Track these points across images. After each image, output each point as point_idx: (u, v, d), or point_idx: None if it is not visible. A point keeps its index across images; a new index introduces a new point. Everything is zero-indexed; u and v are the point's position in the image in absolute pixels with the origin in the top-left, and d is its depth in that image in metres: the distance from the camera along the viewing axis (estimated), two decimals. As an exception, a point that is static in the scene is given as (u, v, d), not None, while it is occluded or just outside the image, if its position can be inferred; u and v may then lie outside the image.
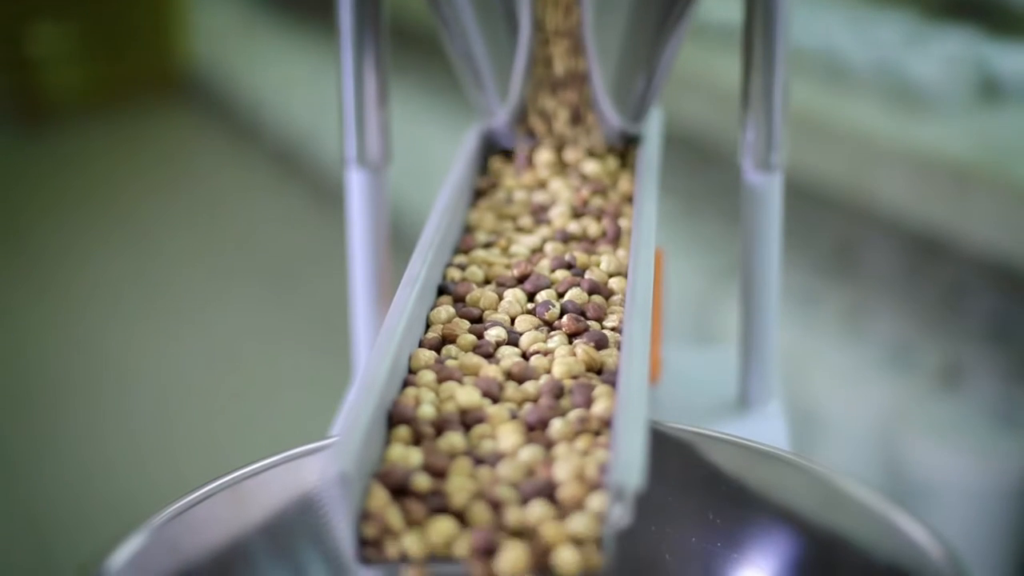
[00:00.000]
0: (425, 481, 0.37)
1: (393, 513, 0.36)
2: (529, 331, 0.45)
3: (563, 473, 0.37)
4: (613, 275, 0.48)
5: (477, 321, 0.46)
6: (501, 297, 0.47)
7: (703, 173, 1.50)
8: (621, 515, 0.35)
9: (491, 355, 0.44)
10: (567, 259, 0.49)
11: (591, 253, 0.50)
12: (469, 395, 0.41)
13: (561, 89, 0.56)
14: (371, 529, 0.36)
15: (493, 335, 0.45)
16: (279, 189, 2.63)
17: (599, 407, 0.40)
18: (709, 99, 1.33)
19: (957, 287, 1.22)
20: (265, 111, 2.88)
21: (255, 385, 1.85)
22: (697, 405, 0.64)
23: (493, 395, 0.41)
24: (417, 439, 0.39)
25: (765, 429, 0.61)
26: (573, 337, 0.45)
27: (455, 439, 0.39)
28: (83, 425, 1.76)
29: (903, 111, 1.20)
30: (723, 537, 0.43)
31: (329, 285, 1.61)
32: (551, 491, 0.37)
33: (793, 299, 1.28)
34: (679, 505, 0.44)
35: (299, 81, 2.65)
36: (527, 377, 0.42)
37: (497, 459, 0.38)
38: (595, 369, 0.43)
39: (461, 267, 0.50)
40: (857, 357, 1.22)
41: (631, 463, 0.35)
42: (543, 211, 0.54)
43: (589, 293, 0.47)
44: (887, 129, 1.19)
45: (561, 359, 0.43)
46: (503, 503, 0.37)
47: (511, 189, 0.56)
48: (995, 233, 1.06)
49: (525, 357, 0.44)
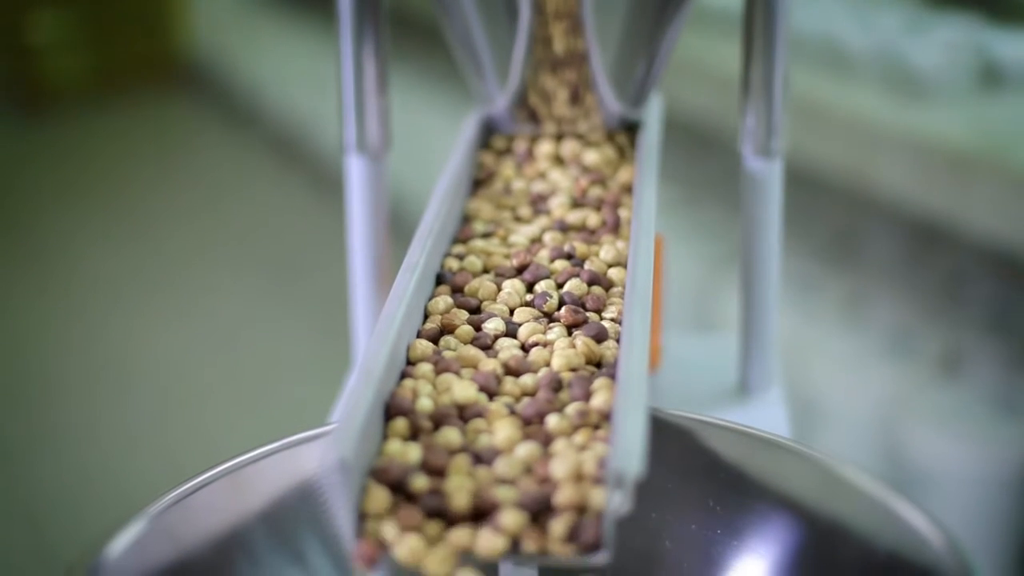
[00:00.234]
0: (423, 481, 0.37)
1: (389, 525, 0.36)
2: (528, 322, 0.45)
3: (560, 471, 0.37)
4: (612, 265, 0.48)
5: (475, 311, 0.46)
6: (500, 287, 0.47)
7: (703, 160, 1.50)
8: (621, 502, 0.35)
9: (489, 347, 0.44)
10: (566, 249, 0.49)
11: (590, 243, 0.50)
12: (466, 390, 0.41)
13: (561, 68, 0.55)
14: (369, 532, 0.36)
15: (491, 327, 0.44)
16: (279, 176, 2.63)
17: (598, 400, 0.40)
18: (709, 85, 1.33)
19: (957, 274, 1.22)
20: (265, 98, 2.88)
21: (254, 372, 1.84)
22: (697, 392, 0.64)
23: (491, 390, 0.41)
24: (414, 433, 0.39)
25: (765, 416, 0.61)
26: (572, 329, 0.44)
27: (452, 435, 0.39)
28: (82, 415, 1.76)
29: (903, 98, 1.20)
30: (723, 524, 0.43)
31: (329, 272, 1.60)
32: (548, 497, 0.36)
33: (793, 286, 1.28)
34: (679, 492, 0.44)
35: (299, 68, 2.65)
36: (525, 370, 0.42)
37: (494, 456, 0.38)
38: (594, 362, 0.43)
39: (459, 257, 0.49)
40: (857, 344, 1.22)
41: (631, 450, 0.35)
42: (542, 201, 0.54)
43: (588, 284, 0.47)
44: (887, 116, 1.18)
45: (560, 351, 0.42)
46: (501, 505, 0.36)
47: (509, 179, 0.56)
48: (995, 220, 1.06)
49: (524, 349, 0.44)
